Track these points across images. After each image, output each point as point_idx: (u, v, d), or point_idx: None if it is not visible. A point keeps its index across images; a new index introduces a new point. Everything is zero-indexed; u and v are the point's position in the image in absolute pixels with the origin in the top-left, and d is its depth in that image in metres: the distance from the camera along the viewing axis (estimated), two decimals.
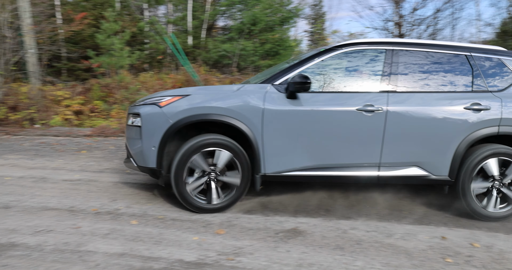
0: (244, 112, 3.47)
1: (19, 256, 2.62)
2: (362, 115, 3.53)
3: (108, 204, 3.72)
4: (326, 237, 3.11)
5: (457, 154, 3.58)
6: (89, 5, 11.89)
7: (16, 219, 3.26)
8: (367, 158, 3.61)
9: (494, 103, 3.60)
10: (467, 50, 3.80)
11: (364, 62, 3.79)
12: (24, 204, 3.63)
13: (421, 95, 3.63)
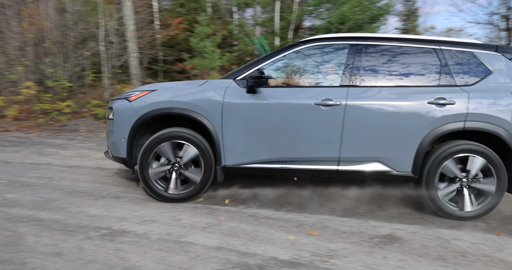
0: (204, 106, 3.62)
1: (129, 242, 2.87)
2: (320, 109, 3.52)
3: (205, 199, 3.91)
4: (426, 246, 2.94)
5: (420, 150, 3.45)
6: (183, 11, 12.65)
7: (125, 208, 3.58)
8: (326, 152, 3.58)
9: (460, 98, 3.44)
10: (437, 43, 3.64)
11: (326, 57, 3.79)
12: (132, 196, 3.97)
13: (382, 90, 3.54)
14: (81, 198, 3.87)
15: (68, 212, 3.45)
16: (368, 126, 3.51)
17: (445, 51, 3.62)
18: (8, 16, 10.52)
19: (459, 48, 3.62)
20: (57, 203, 3.69)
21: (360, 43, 3.70)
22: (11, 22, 10.47)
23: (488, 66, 3.57)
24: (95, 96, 9.60)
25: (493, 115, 3.40)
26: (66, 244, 2.82)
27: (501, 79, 3.54)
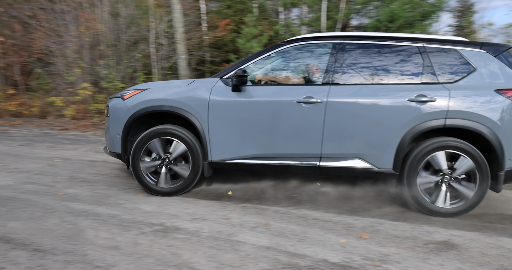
0: (191, 104, 3.77)
1: (181, 239, 2.95)
2: (301, 107, 3.60)
3: (253, 199, 3.94)
4: (486, 255, 2.79)
5: (400, 147, 3.48)
6: (230, 12, 12.81)
7: (177, 206, 3.68)
8: (307, 148, 3.65)
9: (441, 95, 3.43)
10: (420, 41, 3.64)
11: (310, 56, 3.89)
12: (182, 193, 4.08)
13: (364, 87, 3.59)
14: (135, 194, 4.02)
15: (124, 208, 3.60)
16: (348, 123, 3.58)
17: (428, 49, 3.61)
18: (67, 21, 11.15)
19: (442, 46, 3.61)
20: (113, 199, 3.86)
21: (343, 42, 3.74)
22: (69, 27, 11.08)
23: (472, 64, 3.54)
24: None
25: (474, 112, 3.38)
26: (122, 238, 2.94)
27: (485, 76, 3.51)
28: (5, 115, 9.90)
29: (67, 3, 11.13)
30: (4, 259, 2.60)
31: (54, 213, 3.44)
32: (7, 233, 3.02)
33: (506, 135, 3.37)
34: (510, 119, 3.39)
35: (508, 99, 3.40)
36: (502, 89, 3.43)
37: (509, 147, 3.38)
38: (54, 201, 3.75)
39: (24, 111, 10.01)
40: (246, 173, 4.41)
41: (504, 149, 3.38)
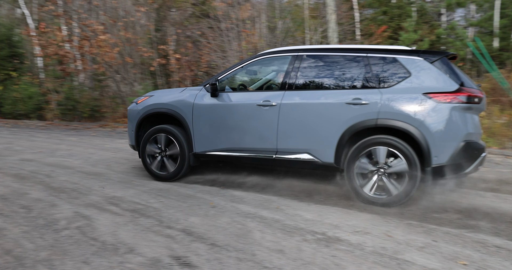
0: (181, 106, 4.77)
1: (344, 251, 2.92)
2: (261, 109, 4.35)
3: (428, 218, 3.68)
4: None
5: (340, 144, 3.98)
6: (386, 18, 12.34)
7: (337, 216, 3.67)
8: (266, 144, 4.36)
9: (375, 98, 3.85)
10: (365, 51, 4.10)
11: (274, 67, 4.79)
12: (342, 203, 4.05)
13: (311, 92, 4.23)
14: (295, 201, 4.16)
15: (286, 214, 3.75)
16: (297, 122, 4.22)
17: (371, 58, 4.06)
18: (230, 37, 12.29)
19: (383, 55, 4.03)
20: (275, 204, 4.06)
21: (300, 54, 4.42)
22: (232, 42, 12.20)
23: (408, 70, 3.89)
24: None
25: (401, 113, 3.76)
26: (287, 243, 3.06)
27: (418, 81, 3.84)
28: None
29: (231, 21, 12.27)
30: (188, 249, 2.96)
31: (225, 213, 3.78)
32: (188, 226, 3.44)
33: (432, 134, 3.69)
34: (435, 120, 3.70)
35: (433, 102, 3.72)
36: (429, 93, 3.75)
37: (434, 145, 3.70)
38: (225, 202, 4.13)
39: None
40: None
41: (430, 147, 3.71)
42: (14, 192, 4.48)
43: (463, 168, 3.77)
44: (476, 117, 4.00)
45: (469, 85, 3.89)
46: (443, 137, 3.70)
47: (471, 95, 3.76)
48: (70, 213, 3.78)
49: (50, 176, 5.24)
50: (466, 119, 3.79)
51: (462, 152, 3.73)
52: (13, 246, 3.06)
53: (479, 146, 3.86)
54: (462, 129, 3.75)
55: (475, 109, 3.90)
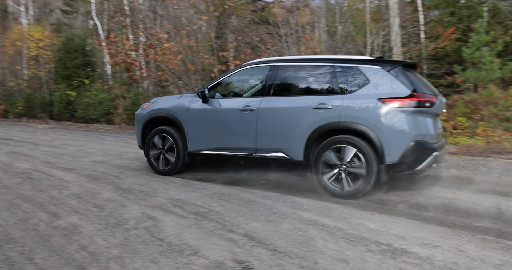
0: (177, 111, 5.43)
1: (411, 263, 2.79)
2: (243, 113, 4.92)
3: (505, 234, 3.43)
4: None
5: (308, 143, 4.54)
6: (454, 20, 11.70)
7: (403, 227, 3.52)
8: (247, 143, 4.93)
9: (337, 103, 4.39)
10: (332, 61, 4.64)
11: (255, 76, 5.35)
12: (408, 212, 3.88)
13: (284, 98, 4.82)
14: (357, 210, 4.05)
15: (348, 223, 3.66)
16: (272, 125, 4.77)
17: (336, 67, 4.55)
18: (289, 43, 12.31)
19: (347, 64, 4.51)
20: (337, 212, 3.98)
21: (276, 64, 4.97)
22: (291, 48, 12.20)
23: (367, 77, 4.33)
24: None
25: (358, 116, 4.22)
26: (350, 253, 2.98)
27: (376, 88, 4.27)
28: None
29: (290, 27, 12.29)
30: (250, 254, 2.99)
31: (286, 219, 3.77)
32: (250, 231, 3.47)
33: (384, 134, 4.13)
34: (387, 122, 4.13)
35: (387, 106, 4.15)
36: (383, 98, 4.18)
37: (387, 145, 4.12)
38: (286, 208, 4.12)
39: None
40: (483, 201, 3.88)
41: (383, 146, 4.14)
42: (88, 191, 4.79)
43: (414, 166, 4.19)
44: (428, 120, 4.32)
45: (422, 91, 4.28)
46: (394, 138, 4.15)
47: (422, 100, 4.18)
48: (138, 213, 3.97)
49: (119, 177, 5.54)
50: (416, 121, 4.18)
51: (412, 151, 4.13)
52: (88, 242, 3.27)
53: (430, 146, 4.21)
54: (412, 130, 4.14)
55: (427, 112, 4.31)
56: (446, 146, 4.97)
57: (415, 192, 4.71)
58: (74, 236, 3.41)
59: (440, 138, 4.77)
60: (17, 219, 3.85)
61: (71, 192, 4.75)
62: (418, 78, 4.59)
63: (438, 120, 4.79)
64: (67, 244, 3.23)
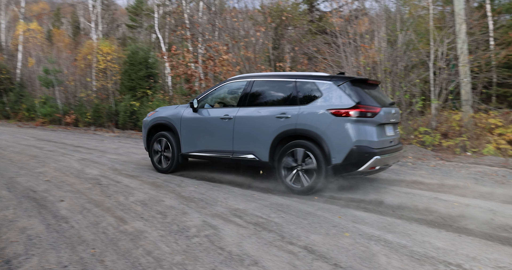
0: (173, 118, 6.45)
1: None
2: (223, 121, 5.87)
3: None
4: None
5: (272, 147, 5.35)
6: None
7: (475, 247, 3.30)
8: (226, 147, 5.86)
9: (295, 113, 5.19)
10: (295, 77, 5.47)
11: (235, 90, 6.19)
12: (479, 231, 3.63)
13: (256, 108, 5.62)
14: (422, 227, 3.87)
15: (413, 239, 3.50)
16: (245, 131, 5.59)
17: (298, 82, 5.37)
18: (347, 52, 12.13)
19: (306, 80, 5.33)
20: (400, 227, 3.83)
21: (251, 80, 5.82)
22: (349, 57, 12.01)
23: (321, 91, 5.15)
24: (423, 123, 9.58)
25: (310, 124, 5.06)
26: None
27: (327, 100, 5.07)
28: None
29: (348, 36, 12.13)
30: (310, 267, 2.95)
31: (347, 233, 3.68)
32: (309, 244, 3.43)
33: (331, 140, 4.87)
34: (333, 129, 4.87)
35: (333, 115, 4.89)
36: (331, 109, 4.92)
37: (333, 149, 4.86)
38: (346, 222, 4.03)
39: None
40: None
41: (330, 150, 4.87)
42: (152, 198, 4.99)
43: (355, 167, 4.86)
44: (370, 128, 4.92)
45: (366, 103, 4.94)
46: (338, 143, 4.85)
47: (363, 110, 4.85)
48: (199, 221, 4.07)
49: (180, 185, 5.73)
50: (358, 129, 4.84)
51: (353, 155, 4.80)
52: (153, 248, 3.40)
53: (370, 151, 4.81)
54: (353, 137, 4.81)
55: (369, 121, 4.90)
56: (400, 150, 5.67)
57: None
58: (140, 241, 3.56)
59: (393, 143, 5.38)
60: (88, 222, 4.09)
61: (136, 198, 4.98)
62: (367, 91, 5.26)
63: (390, 128, 5.38)
64: (134, 249, 3.38)
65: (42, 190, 5.41)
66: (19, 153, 8.78)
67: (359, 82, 5.24)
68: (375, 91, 5.53)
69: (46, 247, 3.46)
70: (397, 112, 5.63)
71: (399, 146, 5.65)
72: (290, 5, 16.37)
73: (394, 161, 5.48)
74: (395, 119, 5.52)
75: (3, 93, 22.83)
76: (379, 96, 5.52)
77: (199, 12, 19.76)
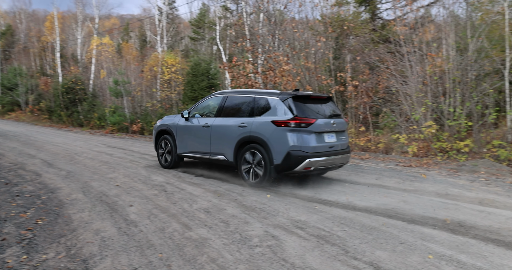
0: (171, 125, 8.09)
1: None
2: (204, 128, 7.30)
3: None
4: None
5: (235, 149, 6.63)
6: None
7: None
8: (206, 149, 7.26)
9: (250, 123, 6.46)
10: (254, 93, 6.84)
11: (215, 103, 7.54)
12: None
13: (226, 119, 6.99)
14: (500, 248, 3.58)
15: (490, 262, 3.26)
16: (218, 136, 7.02)
17: (256, 98, 6.70)
18: (411, 61, 11.67)
19: (261, 96, 6.63)
20: (475, 248, 3.58)
21: (226, 95, 7.39)
22: (414, 67, 11.55)
23: (270, 105, 6.35)
24: (497, 136, 8.93)
25: (259, 132, 6.26)
26: None
27: (273, 113, 6.25)
28: (356, 149, 11.24)
29: (414, 45, 11.68)
30: None
31: (415, 251, 3.51)
32: (375, 260, 3.31)
33: (273, 145, 6.06)
34: (274, 136, 6.05)
35: (275, 125, 6.08)
36: (273, 120, 6.13)
37: (275, 152, 6.03)
38: (414, 239, 3.84)
39: (371, 147, 11.05)
40: None
41: (272, 153, 6.05)
42: (214, 206, 5.10)
43: (291, 167, 5.91)
44: (306, 135, 5.97)
45: (303, 115, 6.04)
46: (278, 147, 5.98)
47: (298, 122, 5.93)
48: (261, 231, 4.09)
49: (241, 195, 5.80)
50: (294, 136, 5.92)
51: (289, 157, 5.87)
52: (217, 255, 3.46)
53: (303, 154, 5.85)
54: (289, 142, 5.90)
55: (305, 130, 5.96)
56: (347, 154, 6.69)
57: None
58: (204, 248, 3.64)
59: (334, 148, 6.31)
60: (155, 227, 4.27)
61: (199, 206, 5.12)
62: (310, 105, 6.34)
63: (331, 135, 6.38)
64: (198, 255, 3.47)
65: (113, 195, 5.73)
66: (92, 159, 9.39)
67: (302, 97, 6.33)
68: (321, 104, 6.59)
69: (118, 249, 3.65)
70: (339, 123, 6.53)
71: (345, 150, 6.64)
72: (351, 14, 16.14)
73: (342, 161, 6.56)
74: (338, 129, 6.46)
75: (77, 103, 24.64)
76: (323, 108, 6.57)
77: (259, 24, 20.10)
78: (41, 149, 11.14)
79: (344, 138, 6.70)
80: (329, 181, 6.78)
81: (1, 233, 4.09)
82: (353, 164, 8.94)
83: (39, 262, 3.40)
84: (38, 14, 62.84)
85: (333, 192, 5.92)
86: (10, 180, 6.77)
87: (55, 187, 6.24)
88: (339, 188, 6.17)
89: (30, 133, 17.00)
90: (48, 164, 8.57)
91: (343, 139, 6.65)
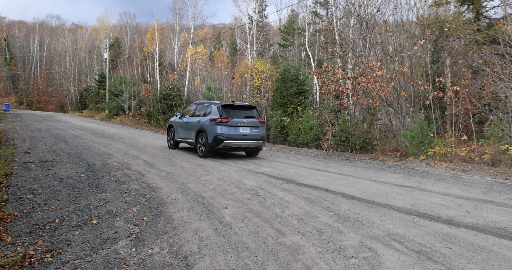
0: (173, 121, 13.94)
1: None
2: (185, 123, 12.74)
3: None
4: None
5: (195, 136, 11.80)
6: None
7: None
8: (185, 136, 12.69)
9: (202, 121, 11.55)
10: (207, 103, 12.10)
11: (192, 108, 13.11)
12: None
13: (194, 117, 12.33)
14: None
15: None
16: (189, 128, 12.42)
17: (208, 106, 11.94)
18: None
19: (209, 104, 11.90)
20: None
21: (198, 104, 12.91)
22: None
23: (212, 110, 11.44)
24: None
25: (203, 126, 11.34)
26: None
27: (211, 114, 11.36)
28: (456, 159, 10.40)
29: None
30: None
31: None
32: None
33: (208, 132, 11.05)
34: (210, 128, 11.02)
35: (210, 121, 11.06)
36: (211, 118, 11.10)
37: (209, 136, 10.97)
38: None
39: (475, 158, 10.12)
40: None
41: (208, 137, 11.03)
42: (306, 214, 5.09)
43: (217, 145, 10.81)
44: (225, 127, 10.87)
45: (225, 116, 11.03)
46: (211, 133, 10.91)
47: (218, 119, 10.90)
48: (356, 242, 3.97)
49: (333, 203, 5.70)
50: (218, 128, 10.85)
51: (215, 139, 10.80)
52: (311, 263, 3.44)
53: (221, 138, 10.74)
54: (216, 131, 10.84)
55: (225, 124, 10.88)
56: (259, 141, 11.32)
57: None
58: (298, 255, 3.64)
59: (247, 136, 11.06)
60: (249, 230, 4.38)
61: (291, 212, 5.14)
62: (234, 110, 11.30)
63: (246, 129, 11.12)
64: (293, 262, 3.48)
65: (209, 197, 6.01)
66: (187, 162, 9.99)
67: (229, 106, 11.29)
68: (244, 110, 11.49)
69: (215, 249, 3.81)
70: (252, 121, 11.21)
71: (256, 138, 11.20)
72: (452, 15, 15.04)
73: (254, 145, 11.26)
74: (250, 125, 11.16)
75: (173, 108, 26.40)
76: (242, 113, 11.37)
77: (350, 28, 19.69)
78: (143, 151, 12.19)
79: (257, 131, 11.31)
80: (428, 194, 6.37)
81: (113, 227, 4.52)
82: (454, 175, 8.29)
83: (146, 255, 3.69)
84: (140, 26, 68.91)
85: (432, 205, 5.54)
86: (119, 178, 7.46)
87: (157, 187, 6.73)
88: (439, 201, 5.76)
89: (133, 136, 18.62)
90: (150, 165, 9.30)
91: (256, 131, 11.29)
